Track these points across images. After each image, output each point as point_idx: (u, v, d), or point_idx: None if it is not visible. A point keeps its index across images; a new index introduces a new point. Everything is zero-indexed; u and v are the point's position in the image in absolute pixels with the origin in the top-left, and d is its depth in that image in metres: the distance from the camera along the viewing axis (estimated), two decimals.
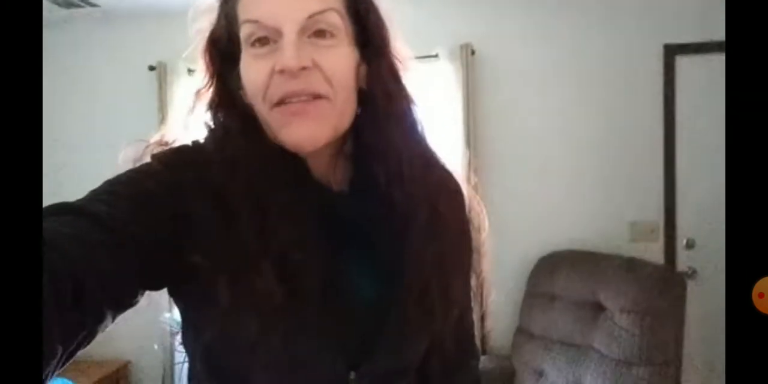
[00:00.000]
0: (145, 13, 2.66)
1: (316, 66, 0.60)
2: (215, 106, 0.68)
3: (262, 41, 0.61)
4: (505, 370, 2.27)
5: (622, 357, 1.96)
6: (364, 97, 0.67)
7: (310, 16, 0.60)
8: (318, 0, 0.61)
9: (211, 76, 0.68)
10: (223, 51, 0.66)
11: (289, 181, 0.65)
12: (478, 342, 0.91)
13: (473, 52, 2.56)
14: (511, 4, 2.59)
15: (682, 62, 2.45)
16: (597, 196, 2.53)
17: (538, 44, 2.58)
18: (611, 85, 2.52)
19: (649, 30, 2.47)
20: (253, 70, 0.62)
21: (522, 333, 2.33)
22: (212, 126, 0.68)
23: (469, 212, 0.80)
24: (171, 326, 2.01)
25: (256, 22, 0.61)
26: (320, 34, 0.61)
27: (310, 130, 0.62)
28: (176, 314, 0.70)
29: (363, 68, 0.66)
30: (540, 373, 2.16)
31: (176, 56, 2.07)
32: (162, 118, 2.59)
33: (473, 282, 0.81)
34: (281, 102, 0.61)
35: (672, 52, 2.44)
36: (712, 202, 2.47)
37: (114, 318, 0.54)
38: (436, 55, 2.57)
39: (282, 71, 0.59)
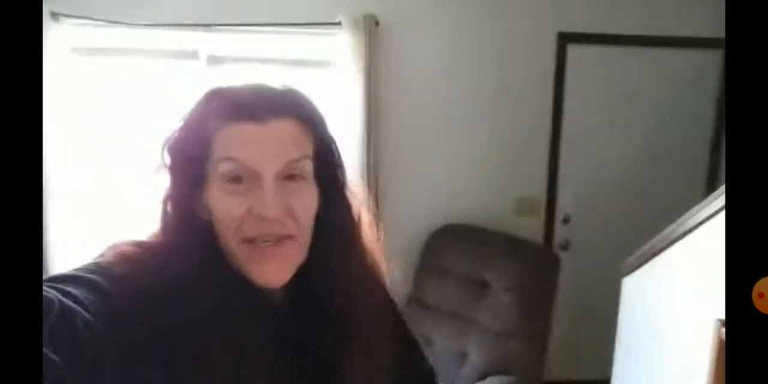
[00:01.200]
0: None
1: (290, 211, 0.65)
2: (175, 220, 0.68)
3: (237, 179, 0.64)
4: None
5: (502, 329, 2.20)
6: (317, 223, 0.70)
7: (288, 163, 0.64)
8: (295, 147, 0.65)
9: (172, 192, 0.68)
10: (188, 170, 0.66)
11: (245, 303, 0.67)
12: None
13: (377, 23, 2.52)
14: None
15: (574, 50, 2.57)
16: (486, 173, 2.68)
17: (442, 21, 2.58)
18: (508, 66, 2.61)
19: (546, 17, 2.56)
20: (226, 206, 0.64)
21: (414, 303, 2.52)
22: (169, 238, 0.67)
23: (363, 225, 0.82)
24: None
25: (234, 160, 0.63)
26: (291, 177, 0.65)
27: (280, 270, 0.67)
28: None
29: (320, 200, 0.70)
30: (428, 342, 2.37)
31: None
32: None
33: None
34: (252, 240, 0.65)
35: (565, 39, 2.54)
36: (588, 182, 2.73)
37: None
38: (339, 23, 2.50)
39: (261, 217, 0.63)
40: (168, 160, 0.67)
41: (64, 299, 0.48)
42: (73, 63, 2.26)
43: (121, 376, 0.65)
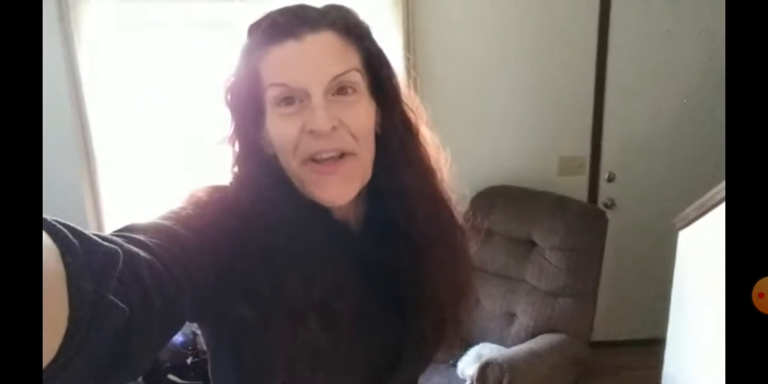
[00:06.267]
0: None
1: (343, 125, 0.65)
2: (242, 157, 0.70)
3: (288, 101, 0.65)
4: None
5: (550, 288, 2.20)
6: (379, 142, 0.71)
7: (335, 78, 0.64)
8: (340, 61, 0.65)
9: (236, 130, 0.70)
10: (246, 104, 0.68)
11: (319, 229, 0.70)
12: None
13: None
14: None
15: (617, 2, 2.47)
16: (529, 132, 2.63)
17: None
18: (550, 21, 2.52)
19: None
20: (282, 129, 0.66)
21: None
22: (240, 175, 0.70)
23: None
24: None
25: (283, 85, 0.64)
26: (342, 91, 0.66)
27: (342, 188, 0.67)
28: None
29: (378, 116, 0.71)
30: (475, 302, 2.39)
31: None
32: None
33: None
34: (311, 159, 0.66)
35: None
36: (633, 139, 2.66)
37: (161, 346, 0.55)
38: None
39: (312, 132, 0.63)
40: (228, 99, 0.69)
41: (127, 245, 0.49)
42: (115, 38, 2.26)
43: (207, 317, 0.67)
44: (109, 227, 2.37)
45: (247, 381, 0.72)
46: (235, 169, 0.71)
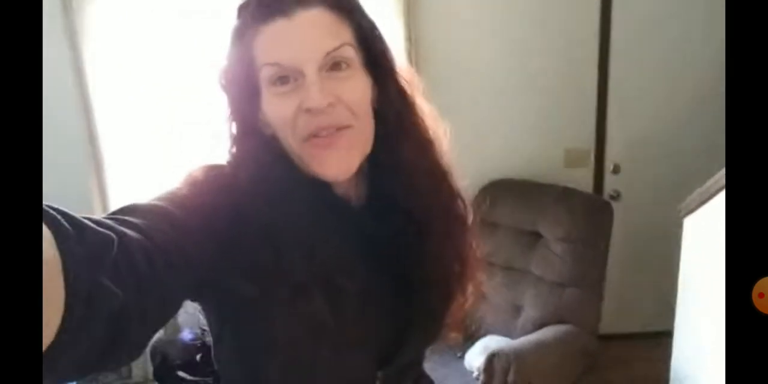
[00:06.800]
0: None
1: (339, 100, 0.65)
2: (240, 138, 0.70)
3: (283, 80, 0.65)
4: None
5: (556, 279, 2.19)
6: (376, 117, 0.71)
7: (327, 54, 0.64)
8: (332, 37, 0.65)
9: (232, 111, 0.70)
10: (241, 85, 0.68)
11: (320, 205, 0.70)
12: None
13: None
14: None
15: None
16: (533, 125, 2.63)
17: None
18: (552, 12, 2.51)
19: None
20: (278, 108, 0.66)
21: None
22: (237, 154, 0.70)
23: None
24: None
25: (276, 64, 0.64)
26: (336, 66, 0.66)
27: (343, 161, 0.67)
28: None
29: (374, 90, 0.71)
30: (482, 282, 2.38)
31: None
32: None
33: None
34: (311, 136, 0.65)
35: None
36: (638, 130, 2.65)
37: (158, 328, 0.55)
38: None
39: (309, 110, 0.63)
40: (222, 81, 0.69)
41: (120, 228, 0.49)
42: (117, 23, 2.28)
43: (208, 295, 0.68)
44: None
45: (248, 361, 0.72)
46: (233, 149, 0.71)
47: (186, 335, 2.36)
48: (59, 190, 2.13)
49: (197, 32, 2.27)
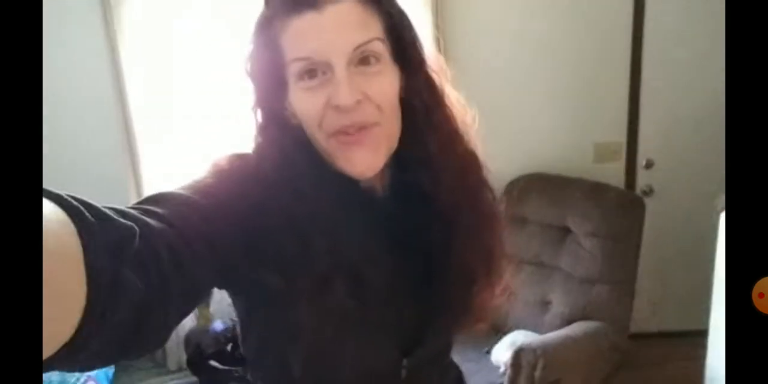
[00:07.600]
0: None
1: (367, 97, 0.65)
2: (265, 127, 0.71)
3: (311, 73, 0.65)
4: None
5: (585, 276, 2.16)
6: (403, 107, 0.70)
7: (357, 48, 0.64)
8: (361, 31, 0.65)
9: (258, 100, 0.70)
10: (268, 76, 0.68)
11: (346, 197, 0.70)
12: None
13: None
14: None
15: None
16: (563, 118, 2.59)
17: None
18: (583, 6, 2.47)
19: None
20: (306, 103, 0.66)
21: None
22: (263, 144, 0.70)
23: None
24: None
25: (306, 59, 0.64)
26: (365, 60, 0.65)
27: (369, 159, 0.67)
28: None
29: (402, 80, 0.70)
30: (510, 274, 2.35)
31: None
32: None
33: None
34: (337, 133, 0.65)
35: None
36: (672, 123, 2.58)
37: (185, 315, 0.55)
38: None
39: (337, 107, 0.63)
40: (249, 69, 0.70)
41: (144, 219, 0.49)
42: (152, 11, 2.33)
43: (236, 285, 0.69)
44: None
45: (274, 350, 0.73)
46: (259, 138, 0.71)
47: (218, 325, 2.42)
48: (96, 180, 2.22)
49: (231, 25, 2.30)
